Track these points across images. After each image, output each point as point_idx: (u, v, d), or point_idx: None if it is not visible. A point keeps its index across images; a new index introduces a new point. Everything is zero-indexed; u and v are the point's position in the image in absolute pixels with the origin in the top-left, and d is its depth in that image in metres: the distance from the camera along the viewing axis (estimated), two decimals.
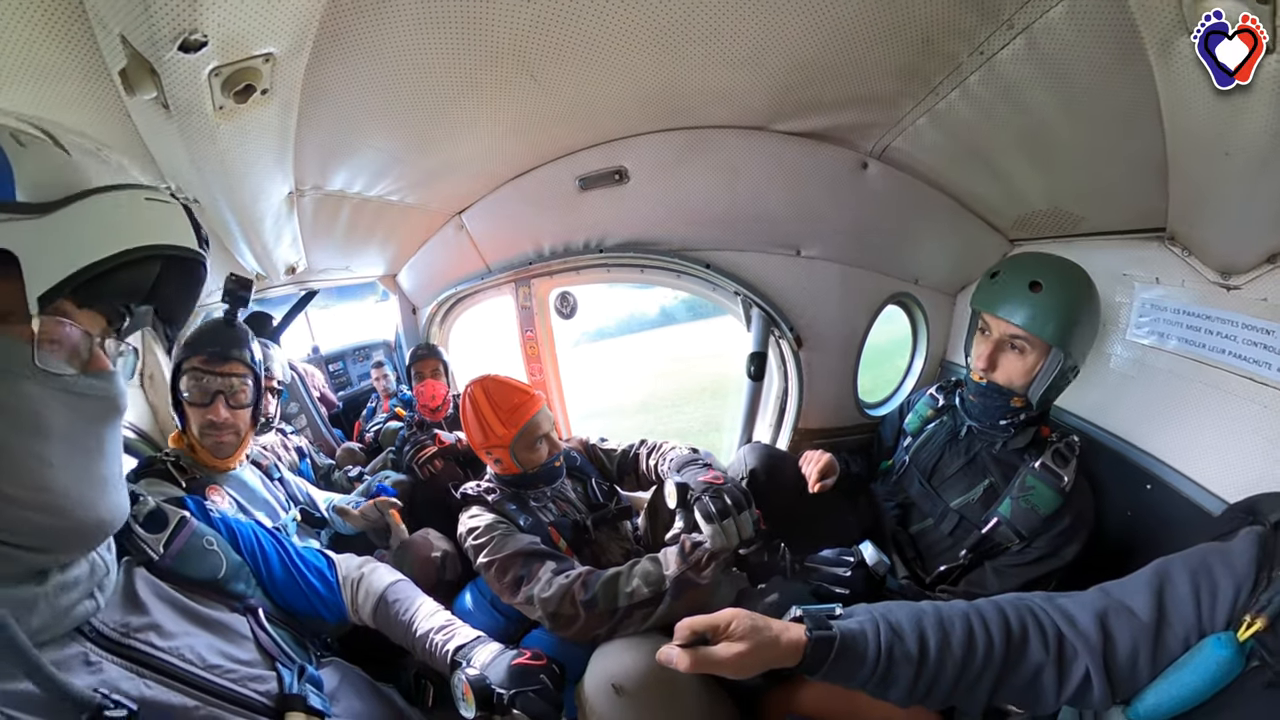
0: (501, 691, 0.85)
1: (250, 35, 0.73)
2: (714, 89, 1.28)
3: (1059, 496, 1.17)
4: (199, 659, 0.68)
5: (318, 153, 1.33)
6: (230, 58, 0.76)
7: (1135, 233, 1.30)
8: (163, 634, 0.66)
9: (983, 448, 1.31)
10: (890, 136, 1.41)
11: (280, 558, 0.95)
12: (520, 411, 1.44)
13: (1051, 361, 1.14)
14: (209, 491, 1.21)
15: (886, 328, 1.93)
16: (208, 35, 0.67)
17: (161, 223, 0.56)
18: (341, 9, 0.80)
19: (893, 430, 1.60)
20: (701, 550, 1.16)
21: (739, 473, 1.47)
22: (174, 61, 0.70)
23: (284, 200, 1.50)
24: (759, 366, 1.81)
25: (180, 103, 0.80)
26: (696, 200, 1.64)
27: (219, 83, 0.79)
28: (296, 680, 0.77)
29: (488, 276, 2.26)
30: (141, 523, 0.74)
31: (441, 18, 0.89)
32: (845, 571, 1.16)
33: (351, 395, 3.91)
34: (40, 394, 0.50)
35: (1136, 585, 0.70)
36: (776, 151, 1.49)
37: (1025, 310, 1.11)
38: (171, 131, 0.89)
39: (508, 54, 1.03)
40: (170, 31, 0.64)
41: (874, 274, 1.78)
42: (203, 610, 0.74)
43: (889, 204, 1.59)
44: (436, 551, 1.55)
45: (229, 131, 0.94)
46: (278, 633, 0.82)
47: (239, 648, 0.75)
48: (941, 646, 0.69)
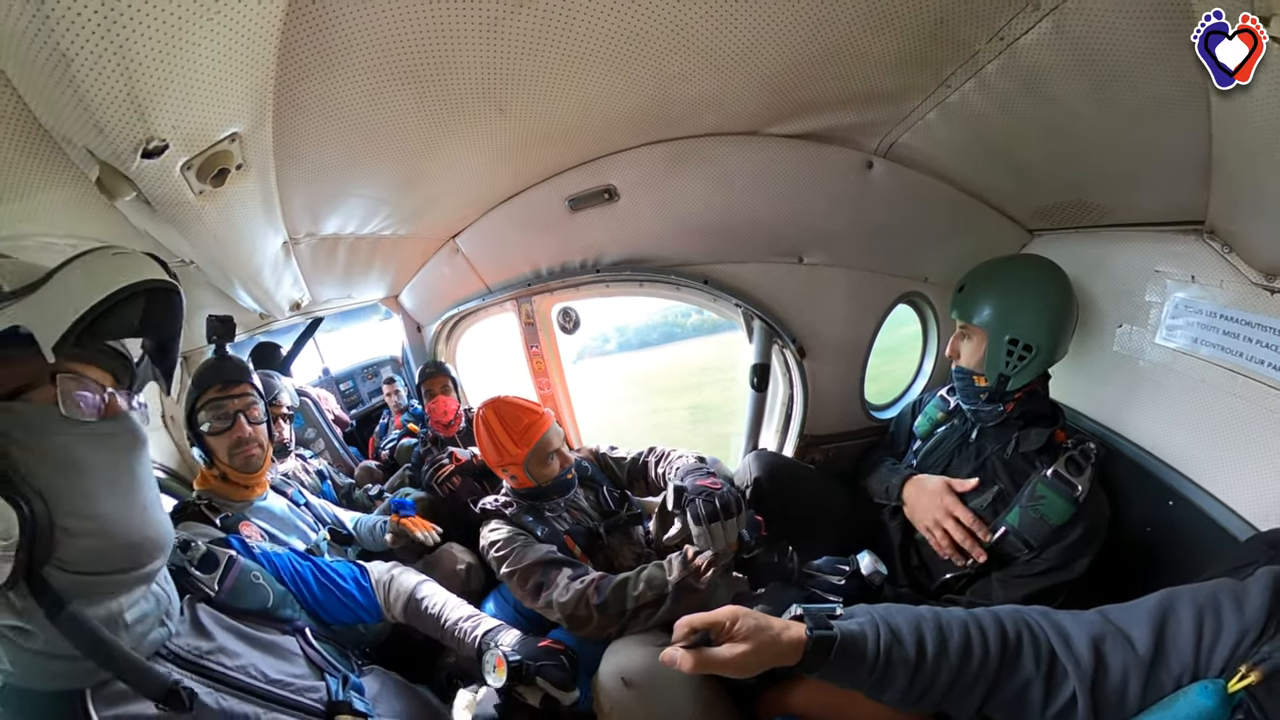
0: (529, 663, 1.00)
1: (208, 124, 0.77)
2: (700, 97, 1.24)
3: (1071, 506, 1.16)
4: (262, 675, 0.83)
5: (305, 206, 1.39)
6: (197, 149, 0.79)
7: (1169, 225, 1.22)
8: (230, 655, 0.81)
9: (993, 452, 1.31)
10: (897, 133, 1.35)
11: (317, 579, 1.10)
12: (531, 431, 1.53)
13: (992, 343, 1.26)
14: (241, 527, 1.35)
15: (895, 325, 1.89)
16: (166, 139, 0.70)
17: (133, 266, 0.65)
18: (292, 78, 0.83)
19: (904, 432, 1.60)
20: (703, 558, 1.24)
21: (744, 481, 1.51)
22: (143, 168, 0.73)
23: (279, 250, 1.58)
24: (762, 377, 1.81)
25: (160, 198, 0.85)
26: (690, 213, 1.61)
27: (193, 174, 0.83)
28: (341, 688, 0.92)
29: (489, 296, 2.31)
30: (197, 565, 0.89)
31: (395, 72, 0.90)
32: (839, 580, 1.21)
33: (364, 412, 4.15)
34: (72, 441, 0.61)
35: (1139, 614, 0.69)
36: (772, 156, 1.44)
37: (956, 308, 1.34)
38: (161, 220, 0.94)
39: (472, 93, 1.03)
40: (128, 145, 0.68)
41: (881, 276, 1.74)
42: (259, 635, 0.89)
43: (897, 203, 1.53)
44: (461, 564, 1.70)
45: (214, 210, 0.99)
46: (324, 648, 0.97)
47: (292, 664, 0.90)
48: (938, 652, 0.71)
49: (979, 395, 1.32)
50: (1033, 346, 1.24)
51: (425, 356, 3.11)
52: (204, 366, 1.47)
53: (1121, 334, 1.38)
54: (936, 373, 1.95)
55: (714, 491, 1.27)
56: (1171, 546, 1.20)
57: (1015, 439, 1.29)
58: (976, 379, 1.31)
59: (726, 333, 2.22)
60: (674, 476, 1.50)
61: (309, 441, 3.09)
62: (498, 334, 2.79)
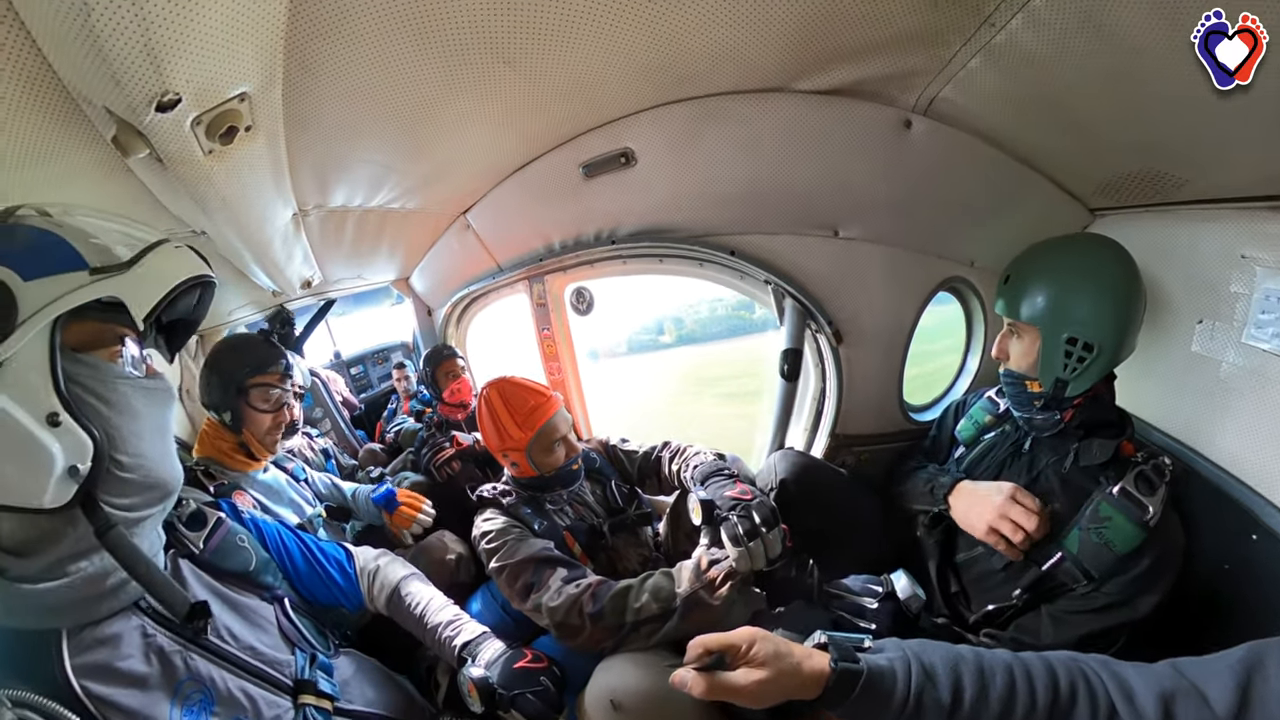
0: (503, 692, 0.97)
1: (219, 81, 0.80)
2: (718, 49, 1.20)
3: (1140, 532, 1.05)
4: (235, 639, 0.86)
5: (314, 175, 1.42)
6: (206, 105, 0.83)
7: (1260, 201, 1.11)
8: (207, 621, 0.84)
9: (1049, 465, 1.20)
10: (937, 85, 1.27)
11: (303, 553, 1.13)
12: (537, 414, 1.50)
13: (1046, 342, 1.15)
14: (235, 495, 1.42)
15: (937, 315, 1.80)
16: (180, 93, 0.74)
17: (191, 261, 0.81)
18: (302, 38, 0.85)
19: (944, 438, 1.51)
20: (718, 570, 1.17)
21: (768, 482, 1.43)
22: (156, 122, 0.77)
23: (289, 222, 1.62)
24: (793, 365, 1.74)
25: (172, 155, 0.89)
26: (714, 179, 1.57)
27: (202, 130, 0.87)
28: (309, 666, 0.93)
29: (500, 275, 2.33)
30: (185, 522, 0.94)
31: (400, 26, 0.91)
32: (871, 603, 1.13)
33: (372, 397, 4.29)
34: (130, 391, 0.75)
35: (1218, 668, 0.62)
36: (801, 115, 1.39)
37: (1001, 301, 1.23)
38: (171, 180, 0.99)
39: (478, 45, 1.02)
40: (144, 97, 0.71)
41: (923, 256, 1.64)
42: (237, 597, 0.93)
43: (939, 169, 1.44)
44: (451, 554, 1.70)
45: (223, 171, 1.03)
46: (301, 621, 1.00)
47: (266, 632, 0.92)
48: (977, 699, 0.66)
49: (1032, 402, 1.21)
50: (1094, 346, 1.12)
51: (436, 341, 3.16)
52: (257, 348, 1.64)
53: (1200, 331, 1.25)
54: (983, 372, 1.84)
55: (748, 503, 1.19)
56: (1254, 588, 1.08)
57: (1075, 451, 1.17)
58: (1029, 384, 1.20)
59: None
60: (691, 477, 1.45)
61: (316, 421, 3.22)
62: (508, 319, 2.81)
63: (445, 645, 1.09)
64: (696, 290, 5.97)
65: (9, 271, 0.65)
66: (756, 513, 1.16)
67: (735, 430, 5.82)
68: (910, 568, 1.24)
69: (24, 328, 0.63)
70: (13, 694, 0.62)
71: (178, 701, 0.74)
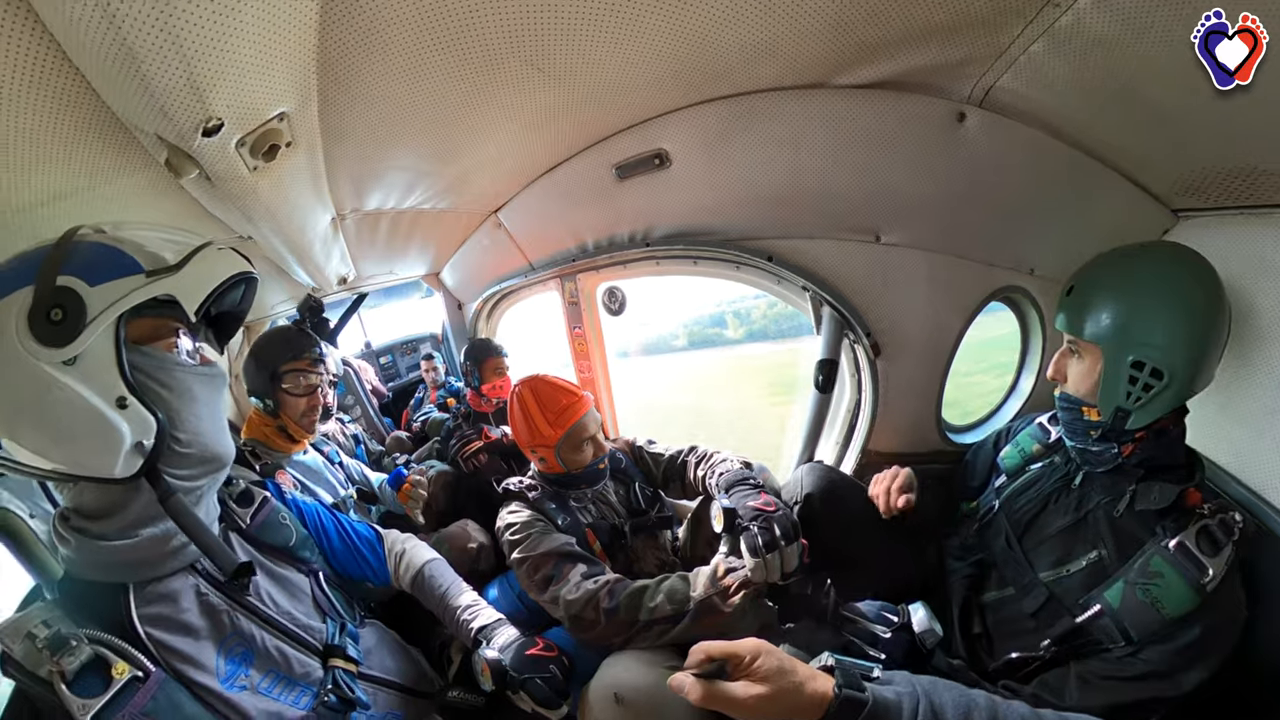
0: (514, 674, 1.05)
1: (258, 104, 0.87)
2: (752, 44, 1.17)
3: (1194, 595, 0.95)
4: (274, 604, 0.99)
5: (350, 182, 1.51)
6: (248, 127, 0.90)
7: None
8: (251, 581, 0.97)
9: (1100, 505, 1.12)
10: (994, 74, 1.19)
11: (338, 531, 1.25)
12: (568, 413, 1.55)
13: (1109, 364, 1.06)
14: (277, 475, 1.60)
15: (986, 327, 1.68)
16: (222, 118, 0.82)
17: (234, 260, 0.90)
18: (334, 56, 0.90)
19: (985, 464, 1.41)
20: (734, 578, 1.20)
21: (793, 496, 1.43)
22: (203, 145, 0.86)
23: (328, 226, 1.72)
24: (828, 376, 1.70)
25: (219, 174, 0.98)
26: (751, 180, 1.54)
27: (246, 150, 0.95)
28: (338, 633, 1.06)
29: (531, 273, 2.38)
30: (235, 499, 1.06)
31: (427, 38, 0.94)
32: (885, 632, 1.10)
33: (400, 386, 4.50)
34: (188, 378, 0.86)
35: None
36: (843, 112, 1.34)
37: (1062, 315, 1.15)
38: (219, 195, 1.08)
39: (505, 52, 1.05)
40: (190, 125, 0.79)
41: (973, 264, 1.55)
42: (277, 569, 1.05)
43: (996, 167, 1.35)
44: (474, 543, 1.80)
45: (267, 185, 1.12)
46: (332, 593, 1.12)
47: (301, 601, 1.05)
48: None
49: (1088, 432, 1.12)
50: (1164, 372, 1.01)
51: (466, 334, 3.26)
52: (291, 337, 1.79)
53: None
54: (1036, 394, 1.74)
55: (770, 515, 1.21)
56: None
57: (1131, 493, 1.07)
58: (1087, 411, 1.11)
59: None
60: (716, 484, 1.47)
61: (348, 408, 3.43)
62: (539, 314, 2.86)
63: (463, 627, 1.18)
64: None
65: (77, 280, 0.75)
66: (777, 525, 1.19)
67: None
68: (933, 601, 1.20)
69: (92, 325, 0.74)
70: (90, 633, 0.76)
71: (223, 652, 0.87)
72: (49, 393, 0.72)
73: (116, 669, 0.74)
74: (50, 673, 0.71)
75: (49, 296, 0.72)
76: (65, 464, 0.75)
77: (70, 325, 0.72)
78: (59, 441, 0.74)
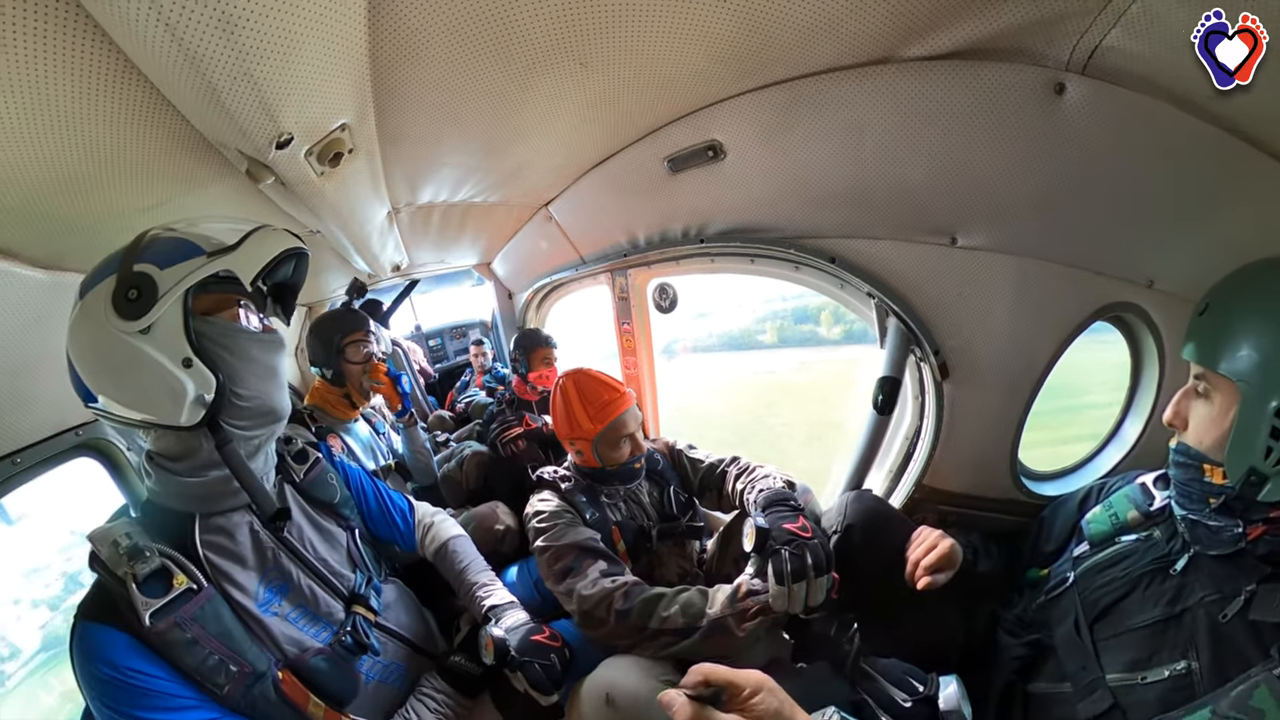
0: (515, 655, 1.13)
1: (322, 119, 0.97)
2: (807, 21, 1.06)
3: None
4: (313, 550, 1.14)
5: (405, 179, 1.61)
6: (315, 139, 0.99)
7: None
8: (295, 526, 1.14)
9: (1203, 602, 0.92)
10: (1099, 29, 0.95)
11: (375, 497, 1.41)
12: (609, 409, 1.59)
13: (1246, 410, 0.85)
14: (329, 439, 1.91)
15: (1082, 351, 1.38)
16: (291, 133, 0.92)
17: (285, 238, 1.01)
18: (385, 68, 0.98)
19: (1066, 525, 1.23)
20: (753, 602, 1.17)
21: (833, 524, 1.34)
22: (277, 157, 0.97)
23: (384, 219, 1.84)
24: (889, 396, 1.54)
25: (291, 180, 1.10)
26: (811, 172, 1.46)
27: (314, 159, 1.06)
28: (364, 585, 1.20)
29: (582, 266, 2.42)
30: (293, 456, 1.23)
31: (472, 42, 0.98)
32: (905, 700, 1.00)
33: (446, 368, 4.81)
34: (249, 342, 0.99)
35: None
36: (913, 90, 1.18)
37: (1192, 341, 0.96)
38: (292, 196, 1.22)
39: (550, 49, 1.07)
40: (266, 140, 0.90)
41: (1073, 271, 1.30)
42: (320, 520, 1.21)
43: (1104, 151, 1.10)
44: (501, 525, 1.90)
45: (333, 187, 1.24)
46: (365, 550, 1.26)
47: (336, 551, 1.20)
48: None
49: (1207, 499, 0.92)
50: None
51: (515, 322, 3.37)
52: (346, 316, 2.14)
53: None
54: (1144, 445, 1.50)
55: (804, 541, 1.16)
56: None
57: (1249, 594, 0.87)
58: (1209, 471, 0.91)
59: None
60: (754, 500, 1.44)
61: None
62: (587, 307, 2.91)
63: (476, 601, 1.29)
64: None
65: (151, 265, 0.91)
66: (810, 553, 1.14)
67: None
68: (970, 678, 1.06)
69: (163, 300, 0.89)
70: (160, 548, 0.93)
71: (264, 581, 1.03)
72: (130, 357, 0.88)
73: (177, 579, 0.91)
74: (125, 574, 0.87)
75: (128, 280, 0.88)
76: (145, 414, 0.91)
77: (144, 302, 0.88)
78: (138, 396, 0.90)
